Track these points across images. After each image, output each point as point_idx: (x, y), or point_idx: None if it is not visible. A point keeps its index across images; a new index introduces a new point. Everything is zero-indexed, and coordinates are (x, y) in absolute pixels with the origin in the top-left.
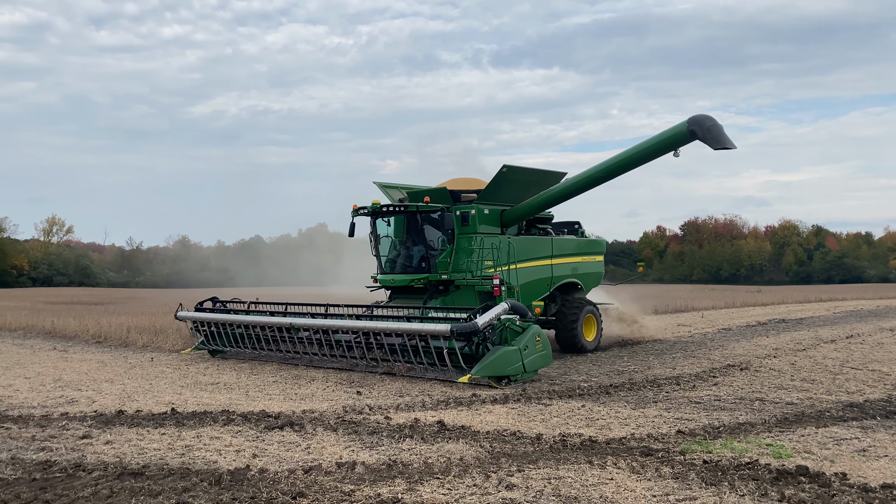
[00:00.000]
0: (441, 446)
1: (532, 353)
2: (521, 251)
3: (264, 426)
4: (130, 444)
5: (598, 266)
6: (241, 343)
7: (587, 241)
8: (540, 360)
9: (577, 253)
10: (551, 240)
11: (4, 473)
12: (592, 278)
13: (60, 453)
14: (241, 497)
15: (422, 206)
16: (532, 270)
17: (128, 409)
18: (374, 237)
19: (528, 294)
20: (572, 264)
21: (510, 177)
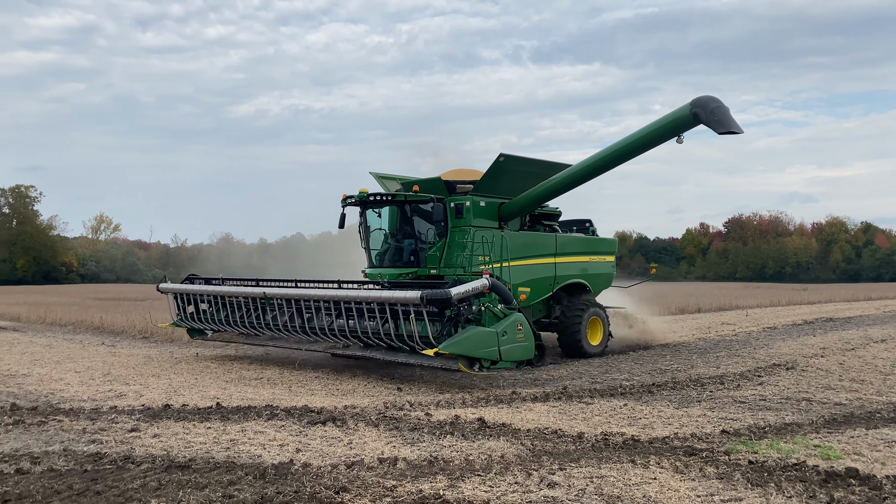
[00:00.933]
0: (482, 443)
1: (511, 341)
2: (518, 247)
3: (307, 421)
4: (177, 438)
5: (608, 267)
6: (217, 319)
7: (596, 239)
8: (519, 350)
9: (584, 252)
10: (555, 237)
11: (57, 465)
12: (602, 279)
13: (110, 446)
14: (285, 491)
15: (410, 195)
16: (532, 268)
17: (174, 404)
18: (364, 229)
19: (527, 294)
20: (579, 264)
21: (508, 167)
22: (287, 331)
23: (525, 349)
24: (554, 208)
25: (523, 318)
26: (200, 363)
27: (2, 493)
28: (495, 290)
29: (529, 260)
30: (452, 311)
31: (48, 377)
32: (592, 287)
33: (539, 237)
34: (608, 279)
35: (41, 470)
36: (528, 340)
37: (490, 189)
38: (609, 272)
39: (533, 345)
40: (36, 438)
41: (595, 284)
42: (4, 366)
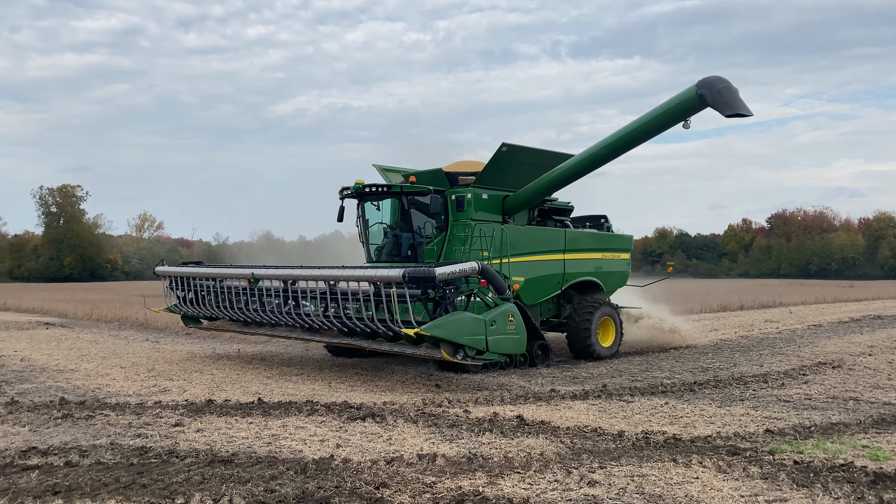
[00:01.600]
0: (521, 441)
1: (500, 332)
2: (520, 242)
3: (347, 417)
4: (220, 433)
5: (622, 265)
6: (209, 305)
7: (610, 235)
8: (509, 343)
9: (596, 249)
10: (564, 232)
11: (105, 458)
12: (616, 278)
13: (155, 440)
14: (325, 486)
15: (407, 186)
16: (537, 265)
17: (217, 399)
18: (363, 222)
19: (532, 292)
20: (591, 261)
21: (511, 157)
22: (276, 316)
23: (516, 342)
24: (565, 203)
25: (516, 309)
26: (242, 359)
27: (52, 485)
28: (485, 275)
29: (534, 256)
30: (437, 292)
31: (95, 372)
32: (605, 286)
33: (545, 232)
34: (623, 278)
35: (89, 463)
36: (520, 334)
37: (493, 181)
38: (624, 270)
39: (525, 339)
40: (84, 432)
41: (608, 283)
42: (53, 361)
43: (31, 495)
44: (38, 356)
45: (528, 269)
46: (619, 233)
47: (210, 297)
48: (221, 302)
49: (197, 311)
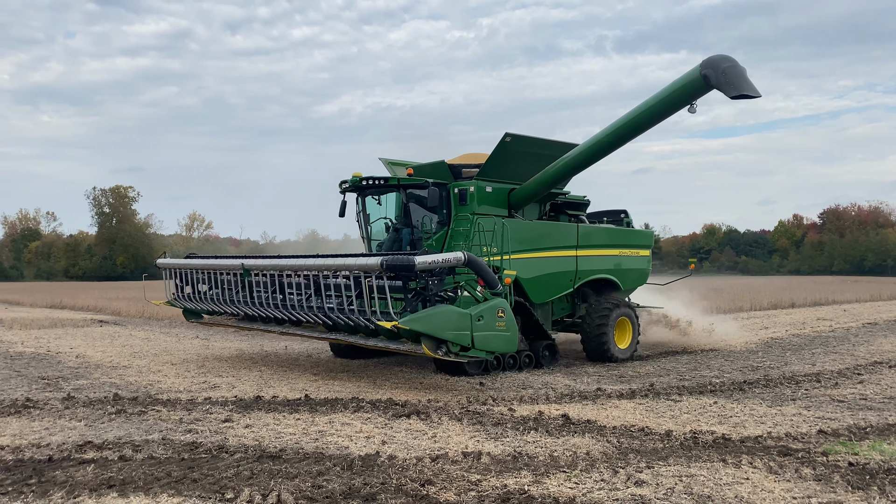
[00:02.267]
0: (566, 440)
1: (488, 328)
2: (525, 237)
3: (392, 414)
4: (268, 429)
5: (642, 262)
6: (205, 297)
7: (628, 231)
8: (499, 341)
9: (612, 245)
10: (577, 227)
11: (157, 453)
12: (634, 275)
13: (205, 435)
14: (371, 482)
15: (404, 179)
16: (545, 262)
17: (265, 395)
18: (364, 217)
19: (540, 290)
20: (607, 258)
21: (515, 148)
22: (265, 307)
23: (505, 340)
24: (581, 196)
25: (506, 304)
26: (289, 356)
27: (107, 479)
28: (473, 267)
29: (542, 252)
30: (418, 283)
31: (147, 369)
32: (623, 284)
33: (555, 227)
34: (642, 276)
35: (142, 457)
36: (511, 332)
37: (497, 173)
38: (643, 268)
39: (516, 337)
40: (137, 427)
41: (626, 281)
42: (107, 358)
43: (87, 488)
44: (92, 353)
45: (534, 265)
46: (639, 228)
47: (210, 290)
48: (218, 294)
49: (195, 304)
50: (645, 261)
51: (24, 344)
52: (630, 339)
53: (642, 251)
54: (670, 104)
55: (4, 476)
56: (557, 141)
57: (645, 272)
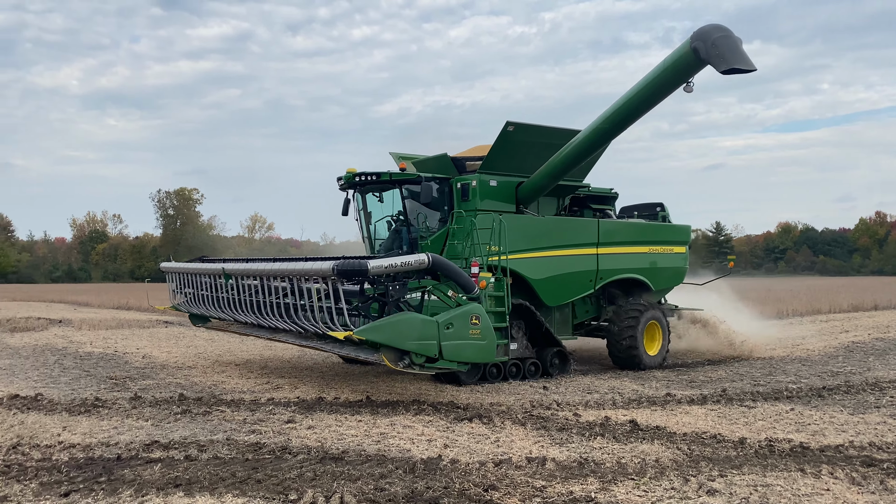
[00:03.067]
0: (634, 446)
1: (459, 336)
2: (533, 235)
3: (454, 417)
4: (330, 430)
5: (677, 260)
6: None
7: (660, 226)
8: (472, 350)
9: (641, 241)
10: (597, 223)
11: (221, 453)
12: (668, 274)
13: (268, 436)
14: (434, 486)
15: (396, 174)
16: (560, 261)
17: (327, 396)
18: (364, 215)
19: (553, 292)
20: (634, 255)
21: (518, 138)
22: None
23: (481, 350)
24: (607, 189)
25: (481, 309)
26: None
27: (174, 478)
28: (441, 270)
29: (555, 251)
30: (376, 289)
31: (211, 369)
32: (654, 284)
33: (570, 223)
34: (677, 275)
35: (207, 457)
36: (487, 339)
37: (501, 165)
38: (678, 266)
39: (494, 345)
40: (202, 427)
41: (657, 280)
42: (172, 358)
43: (154, 487)
44: (158, 353)
45: (546, 265)
46: (674, 223)
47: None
48: (201, 299)
49: (196, 308)
50: (680, 258)
51: (92, 344)
52: (660, 345)
53: (677, 248)
54: (663, 83)
55: (76, 474)
56: (563, 129)
57: (680, 271)
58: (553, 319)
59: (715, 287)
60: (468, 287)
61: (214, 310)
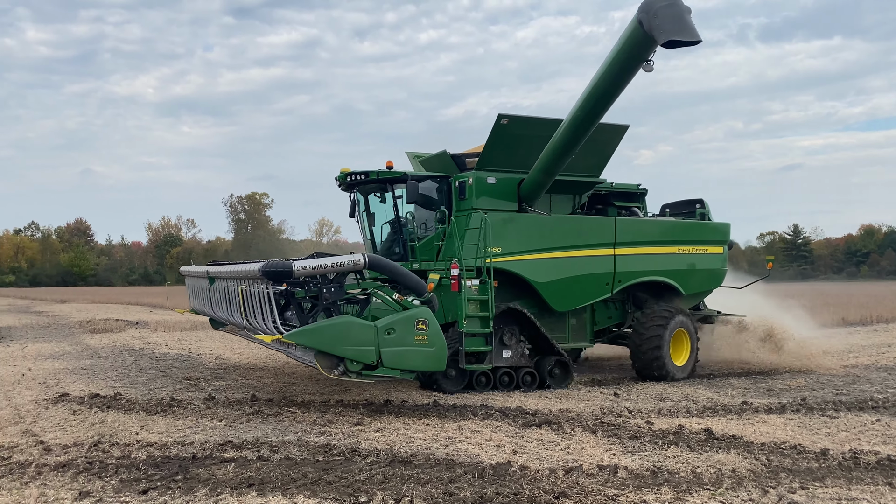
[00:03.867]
0: (710, 455)
1: (403, 342)
2: (539, 236)
3: (522, 423)
4: (398, 433)
5: (712, 261)
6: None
7: (691, 224)
8: (417, 357)
9: (668, 241)
10: (613, 221)
11: (293, 454)
12: (701, 277)
13: (338, 438)
14: (503, 492)
15: (383, 173)
16: (569, 263)
17: (395, 400)
18: (368, 217)
19: (562, 296)
20: (660, 256)
21: (513, 131)
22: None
23: (429, 357)
24: (633, 185)
25: (429, 313)
26: None
27: (247, 478)
28: (381, 270)
29: (562, 251)
30: (306, 291)
31: (281, 371)
32: (684, 288)
33: (579, 222)
34: (713, 277)
35: (279, 458)
36: (436, 346)
37: (499, 162)
38: (715, 268)
39: (444, 353)
40: (273, 428)
41: (689, 284)
42: (244, 360)
43: (228, 486)
44: (230, 355)
45: (552, 267)
46: (713, 221)
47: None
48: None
49: (201, 311)
50: (717, 259)
51: (167, 346)
52: (688, 355)
53: (712, 248)
54: (622, 65)
55: (154, 471)
56: (559, 119)
57: (716, 273)
58: (567, 326)
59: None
60: (417, 290)
61: (212, 312)
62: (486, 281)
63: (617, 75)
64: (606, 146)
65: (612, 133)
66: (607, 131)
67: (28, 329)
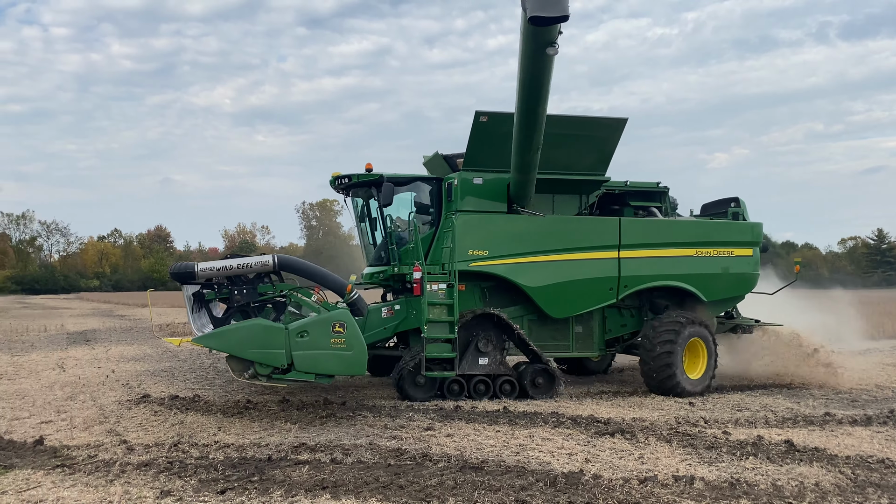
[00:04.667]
0: (791, 468)
1: (316, 346)
2: (529, 238)
3: (594, 431)
4: (469, 439)
5: (739, 264)
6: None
7: (712, 224)
8: (333, 361)
9: (682, 243)
10: (618, 221)
11: (365, 457)
12: (726, 282)
13: (409, 442)
14: (576, 501)
15: (363, 176)
16: (565, 267)
17: (464, 406)
18: (370, 221)
19: (559, 302)
20: (673, 260)
21: (494, 129)
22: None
23: (346, 361)
24: (653, 183)
25: (346, 316)
26: None
27: (321, 480)
28: (291, 271)
29: (557, 255)
30: (213, 293)
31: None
32: (706, 293)
33: (576, 223)
34: (741, 282)
35: (351, 461)
36: (354, 349)
37: (484, 161)
38: (743, 272)
39: (363, 357)
40: (346, 431)
41: (711, 289)
42: None
43: (303, 488)
44: None
45: (545, 271)
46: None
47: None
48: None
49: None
50: (746, 263)
51: None
52: (704, 367)
53: (739, 250)
54: (527, 51)
55: (231, 472)
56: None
57: (745, 278)
58: (570, 333)
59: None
60: (339, 291)
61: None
62: (452, 284)
63: (529, 63)
64: (606, 143)
65: (608, 129)
66: (603, 127)
67: (111, 332)
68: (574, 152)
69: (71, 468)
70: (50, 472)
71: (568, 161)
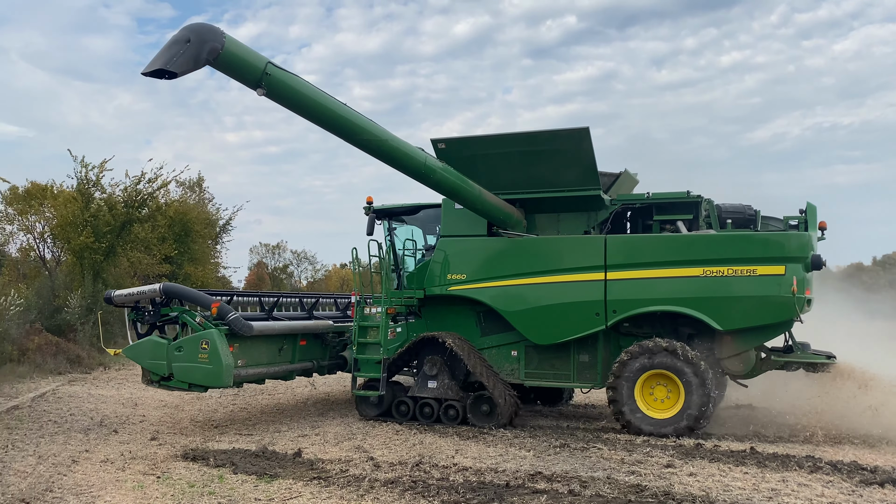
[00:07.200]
0: None
1: (189, 359)
2: (501, 260)
3: (859, 479)
4: (714, 479)
5: (763, 285)
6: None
7: (727, 237)
8: (199, 373)
9: (685, 261)
10: (604, 239)
11: (603, 491)
12: (746, 307)
13: (649, 479)
14: None
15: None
16: (541, 290)
17: (706, 444)
18: (401, 245)
19: (540, 328)
20: (674, 281)
21: (455, 154)
22: None
23: (208, 373)
24: (682, 193)
25: (215, 335)
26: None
27: None
28: (176, 297)
29: (531, 278)
30: (133, 314)
31: (587, 407)
32: (719, 321)
33: (553, 243)
34: (772, 306)
35: (589, 494)
36: (214, 364)
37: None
38: (770, 294)
39: (221, 370)
40: (581, 463)
41: (725, 316)
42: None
43: None
44: None
45: (521, 296)
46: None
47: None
48: None
49: None
50: (773, 283)
51: None
52: (680, 405)
53: (764, 267)
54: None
55: (471, 496)
56: (492, 135)
57: (775, 301)
58: (572, 363)
59: None
60: (221, 312)
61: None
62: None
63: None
64: (578, 155)
65: (571, 140)
66: (564, 138)
67: None
68: (549, 169)
69: (326, 481)
70: (308, 483)
71: (550, 178)
